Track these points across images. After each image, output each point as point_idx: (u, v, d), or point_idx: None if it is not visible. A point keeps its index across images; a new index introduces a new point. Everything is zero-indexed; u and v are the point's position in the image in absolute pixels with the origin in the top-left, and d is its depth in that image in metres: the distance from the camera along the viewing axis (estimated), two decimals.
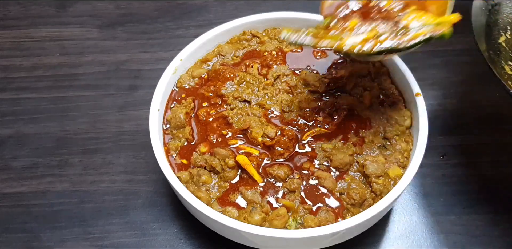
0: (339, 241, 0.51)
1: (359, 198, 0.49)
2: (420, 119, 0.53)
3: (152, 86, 0.56)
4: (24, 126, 0.69)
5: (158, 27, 0.80)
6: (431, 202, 0.61)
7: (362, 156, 0.52)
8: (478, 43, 0.52)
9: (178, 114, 0.55)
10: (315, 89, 0.57)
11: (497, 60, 0.54)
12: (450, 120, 0.68)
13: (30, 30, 0.80)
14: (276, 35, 0.62)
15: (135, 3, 0.84)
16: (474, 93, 0.71)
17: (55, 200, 0.62)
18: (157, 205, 0.61)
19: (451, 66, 0.74)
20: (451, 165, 0.64)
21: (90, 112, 0.70)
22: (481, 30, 0.55)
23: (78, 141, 0.67)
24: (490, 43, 0.55)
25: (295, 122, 0.54)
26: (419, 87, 0.55)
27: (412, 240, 0.59)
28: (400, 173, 0.51)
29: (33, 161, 0.65)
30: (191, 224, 0.59)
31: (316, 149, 0.53)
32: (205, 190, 0.51)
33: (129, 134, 0.68)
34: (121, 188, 0.63)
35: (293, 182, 0.50)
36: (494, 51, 0.55)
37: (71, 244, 0.59)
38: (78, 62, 0.76)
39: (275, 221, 0.48)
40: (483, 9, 0.56)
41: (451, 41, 0.77)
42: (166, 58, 0.72)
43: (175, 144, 0.54)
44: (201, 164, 0.52)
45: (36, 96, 0.72)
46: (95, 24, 0.81)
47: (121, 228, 0.60)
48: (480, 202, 0.61)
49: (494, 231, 0.59)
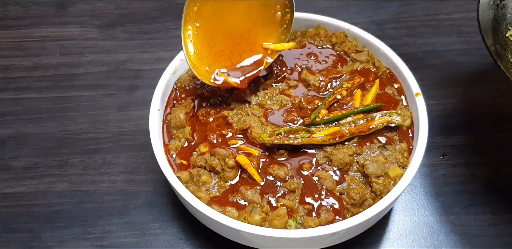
0: (339, 241, 0.51)
1: (359, 198, 0.49)
2: (420, 119, 0.53)
3: (152, 86, 0.56)
4: (24, 126, 0.69)
5: (158, 27, 0.80)
6: (431, 202, 0.61)
7: (362, 156, 0.52)
8: (485, 37, 0.53)
9: (178, 114, 0.55)
10: (315, 89, 0.57)
11: (504, 53, 0.55)
12: (450, 120, 0.68)
13: (30, 30, 0.80)
14: None
15: (135, 3, 0.84)
16: (474, 93, 0.71)
17: (55, 200, 0.62)
18: (157, 205, 0.61)
19: (451, 66, 0.74)
20: (451, 165, 0.64)
21: (90, 112, 0.70)
22: (488, 24, 0.55)
23: (78, 141, 0.67)
24: (497, 37, 0.56)
25: (295, 122, 0.54)
26: (419, 87, 0.55)
27: (412, 240, 0.59)
28: (400, 173, 0.51)
29: (33, 161, 0.65)
30: (191, 224, 0.59)
31: (316, 149, 0.53)
32: (205, 190, 0.51)
33: (129, 134, 0.68)
34: (121, 188, 0.63)
35: (293, 182, 0.50)
36: (501, 45, 0.55)
37: (71, 244, 0.59)
38: (78, 62, 0.76)
39: (275, 221, 0.48)
40: (491, 4, 0.56)
41: (451, 41, 0.77)
42: (166, 58, 0.72)
43: (175, 144, 0.54)
44: (201, 164, 0.52)
45: (36, 96, 0.72)
46: (95, 24, 0.81)
47: (121, 228, 0.60)
48: (480, 202, 0.61)
49: (494, 231, 0.59)
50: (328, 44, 0.62)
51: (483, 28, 0.53)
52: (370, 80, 0.58)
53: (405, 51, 0.76)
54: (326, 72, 0.58)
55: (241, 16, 0.55)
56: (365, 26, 0.74)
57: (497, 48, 0.54)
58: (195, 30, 0.54)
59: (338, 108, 0.55)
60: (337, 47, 0.61)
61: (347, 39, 0.62)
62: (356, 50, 0.61)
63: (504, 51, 0.55)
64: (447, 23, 0.80)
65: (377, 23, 0.80)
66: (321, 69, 0.59)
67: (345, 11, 0.82)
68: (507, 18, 0.58)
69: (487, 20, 0.55)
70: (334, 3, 0.83)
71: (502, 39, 0.56)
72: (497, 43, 0.55)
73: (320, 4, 0.83)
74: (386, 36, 0.78)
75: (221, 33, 0.55)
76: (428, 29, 0.79)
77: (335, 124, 0.53)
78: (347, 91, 0.56)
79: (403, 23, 0.80)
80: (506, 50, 0.55)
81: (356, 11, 0.82)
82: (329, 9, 0.82)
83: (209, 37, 0.55)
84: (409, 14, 0.81)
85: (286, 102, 0.56)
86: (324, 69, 0.59)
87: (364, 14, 0.81)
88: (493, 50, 0.52)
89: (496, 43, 0.55)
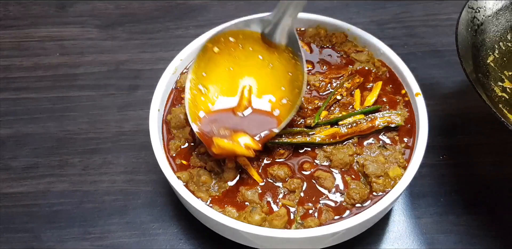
0: (339, 241, 0.51)
1: (359, 198, 0.49)
2: (420, 119, 0.53)
3: (152, 86, 0.56)
4: (24, 126, 0.69)
5: (158, 27, 0.80)
6: (431, 202, 0.61)
7: (362, 156, 0.52)
8: (465, 65, 0.50)
9: (178, 114, 0.55)
10: (315, 89, 0.57)
11: (486, 82, 0.52)
12: (450, 120, 0.68)
13: (30, 30, 0.80)
14: None
15: (135, 3, 0.84)
16: (474, 93, 0.71)
17: (55, 200, 0.62)
18: (157, 205, 0.61)
19: (451, 66, 0.74)
20: (451, 165, 0.64)
21: (90, 112, 0.70)
22: (468, 52, 0.53)
23: (78, 141, 0.67)
24: (478, 65, 0.53)
25: (296, 122, 0.54)
26: (419, 87, 0.55)
27: (412, 240, 0.59)
28: (400, 173, 0.51)
29: (33, 161, 0.65)
30: (191, 224, 0.59)
31: (316, 149, 0.53)
32: (205, 190, 0.51)
33: (129, 134, 0.68)
34: (121, 188, 0.63)
35: (293, 182, 0.50)
36: (482, 73, 0.53)
37: (71, 244, 0.59)
38: (78, 62, 0.76)
39: (275, 221, 0.48)
40: (469, 30, 0.54)
41: (451, 41, 0.77)
42: (166, 58, 0.72)
43: (175, 144, 0.54)
44: (201, 164, 0.52)
45: (36, 96, 0.72)
46: (95, 24, 0.81)
47: (121, 228, 0.60)
48: (479, 202, 0.61)
49: (494, 231, 0.59)
50: (328, 44, 0.62)
51: (463, 56, 0.50)
52: (370, 80, 0.58)
53: (405, 51, 0.76)
54: (326, 72, 0.58)
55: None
56: (365, 26, 0.74)
57: (479, 77, 0.51)
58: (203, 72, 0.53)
59: (338, 107, 0.55)
60: (337, 47, 0.61)
61: (347, 39, 0.62)
62: (356, 50, 0.61)
63: (486, 79, 0.52)
64: (447, 23, 0.80)
65: (377, 23, 0.80)
66: (321, 69, 0.59)
67: (345, 11, 0.82)
68: (487, 43, 0.55)
69: (466, 48, 0.52)
70: (334, 3, 0.83)
71: (483, 67, 0.54)
72: (478, 72, 0.52)
73: (320, 4, 0.83)
74: (386, 36, 0.78)
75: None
76: (428, 29, 0.79)
77: (336, 125, 0.53)
78: (346, 91, 0.56)
79: (403, 23, 0.80)
80: (489, 78, 0.53)
81: (356, 11, 0.82)
82: (329, 9, 0.82)
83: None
84: (409, 14, 0.81)
85: None
86: (324, 69, 0.59)
87: (364, 14, 0.81)
88: (474, 78, 0.50)
89: (478, 71, 0.52)
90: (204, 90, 0.52)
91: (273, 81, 0.53)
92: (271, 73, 0.53)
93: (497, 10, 0.56)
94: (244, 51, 0.53)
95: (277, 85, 0.52)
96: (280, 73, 0.52)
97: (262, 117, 0.52)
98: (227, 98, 0.52)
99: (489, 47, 0.55)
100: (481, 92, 0.48)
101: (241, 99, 0.52)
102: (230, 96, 0.53)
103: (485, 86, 0.52)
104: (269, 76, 0.53)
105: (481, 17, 0.54)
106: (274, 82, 0.53)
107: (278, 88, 0.52)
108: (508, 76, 0.54)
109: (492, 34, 0.56)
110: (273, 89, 0.53)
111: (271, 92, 0.53)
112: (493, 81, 0.53)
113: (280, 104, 0.52)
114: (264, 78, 0.53)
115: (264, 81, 0.53)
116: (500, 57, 0.55)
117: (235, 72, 0.53)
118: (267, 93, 0.53)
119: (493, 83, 0.53)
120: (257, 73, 0.53)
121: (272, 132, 0.50)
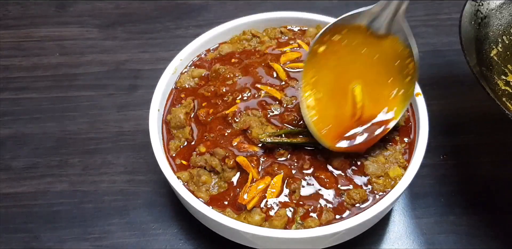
0: (339, 241, 0.51)
1: (359, 198, 0.49)
2: (420, 119, 0.53)
3: (152, 86, 0.56)
4: (24, 126, 0.69)
5: (158, 27, 0.80)
6: (431, 202, 0.61)
7: (362, 156, 0.52)
8: (469, 58, 0.50)
9: (178, 114, 0.55)
10: None
11: (490, 75, 0.52)
12: (450, 120, 0.68)
13: (30, 30, 0.80)
14: (276, 35, 0.62)
15: (135, 3, 0.84)
16: (474, 93, 0.71)
17: (55, 200, 0.62)
18: (157, 205, 0.61)
19: (451, 66, 0.74)
20: (451, 165, 0.64)
21: (90, 112, 0.70)
22: (471, 45, 0.53)
23: (78, 141, 0.67)
24: (481, 58, 0.53)
25: (295, 122, 0.54)
26: (419, 87, 0.55)
27: (412, 240, 0.59)
28: (400, 173, 0.51)
29: (33, 161, 0.65)
30: (191, 224, 0.59)
31: (316, 149, 0.53)
32: (205, 190, 0.51)
33: (128, 134, 0.68)
34: (121, 188, 0.63)
35: (293, 182, 0.50)
36: (486, 66, 0.53)
37: (71, 244, 0.58)
38: (78, 62, 0.76)
39: (275, 221, 0.47)
40: (472, 23, 0.54)
41: (451, 41, 0.77)
42: (166, 58, 0.71)
43: (175, 144, 0.54)
44: (201, 164, 0.52)
45: (36, 96, 0.72)
46: (95, 24, 0.81)
47: (121, 228, 0.60)
48: (480, 202, 0.61)
49: (494, 231, 0.59)
50: None
51: (467, 49, 0.50)
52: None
53: None
54: None
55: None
56: None
57: (482, 70, 0.51)
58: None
59: None
60: None
61: None
62: None
63: (489, 72, 0.52)
64: (447, 23, 0.80)
65: None
66: None
67: (345, 11, 0.82)
68: (490, 37, 0.55)
69: (469, 41, 0.52)
70: (334, 3, 0.83)
71: (486, 60, 0.54)
72: (481, 65, 0.52)
73: (320, 4, 0.83)
74: None
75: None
76: (428, 28, 0.79)
77: None
78: None
79: None
80: (492, 71, 0.53)
81: None
82: (329, 9, 0.82)
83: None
84: (409, 14, 0.81)
85: (286, 102, 0.55)
86: None
87: None
88: (477, 71, 0.50)
89: (481, 64, 0.52)
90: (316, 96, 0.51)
91: (380, 74, 0.52)
92: (377, 65, 0.52)
93: (501, 3, 0.56)
94: (347, 46, 0.52)
95: (384, 77, 0.52)
96: (386, 63, 0.51)
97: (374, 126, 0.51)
98: (337, 102, 0.52)
99: (492, 40, 0.55)
100: (485, 85, 0.48)
101: (354, 108, 0.51)
102: (340, 100, 0.52)
103: (488, 79, 0.52)
104: (376, 68, 0.52)
105: (485, 10, 0.54)
106: (381, 75, 0.52)
107: (386, 81, 0.51)
108: (511, 70, 0.54)
109: (496, 28, 0.56)
110: (381, 82, 0.52)
111: (379, 86, 0.52)
112: (496, 74, 0.53)
113: (390, 98, 0.51)
114: (370, 72, 0.52)
115: (370, 76, 0.52)
116: (504, 51, 0.55)
117: (341, 70, 0.52)
118: (376, 89, 0.52)
119: (497, 76, 0.53)
120: (363, 68, 0.52)
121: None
